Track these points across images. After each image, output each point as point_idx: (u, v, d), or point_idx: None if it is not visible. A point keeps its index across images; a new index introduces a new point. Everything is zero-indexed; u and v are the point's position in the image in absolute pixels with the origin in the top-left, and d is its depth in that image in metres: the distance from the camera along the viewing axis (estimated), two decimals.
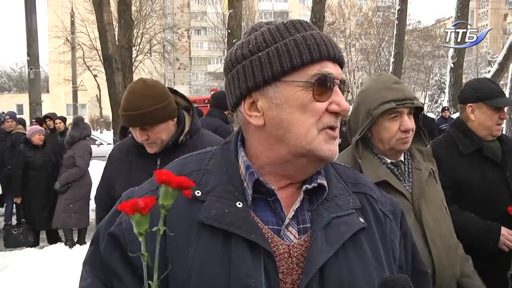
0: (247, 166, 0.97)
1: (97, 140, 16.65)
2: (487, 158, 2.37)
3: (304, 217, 0.97)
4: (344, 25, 44.35)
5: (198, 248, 0.89)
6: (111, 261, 0.94)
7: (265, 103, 0.95)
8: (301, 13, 49.33)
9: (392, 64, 18.69)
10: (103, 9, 12.56)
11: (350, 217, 0.97)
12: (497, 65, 15.00)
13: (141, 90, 2.03)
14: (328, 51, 0.94)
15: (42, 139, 6.61)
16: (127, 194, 1.05)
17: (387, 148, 1.80)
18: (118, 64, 12.73)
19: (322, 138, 0.94)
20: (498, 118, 2.38)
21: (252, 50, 0.96)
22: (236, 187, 0.95)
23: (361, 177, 1.11)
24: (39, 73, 12.84)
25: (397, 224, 1.08)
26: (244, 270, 0.87)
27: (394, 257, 1.03)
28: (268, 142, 0.96)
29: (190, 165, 1.01)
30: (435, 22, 48.92)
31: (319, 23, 13.58)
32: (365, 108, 1.77)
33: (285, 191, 0.98)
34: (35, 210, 6.50)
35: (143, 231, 0.77)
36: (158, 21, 32.57)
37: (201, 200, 0.93)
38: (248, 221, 0.90)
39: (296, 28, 0.97)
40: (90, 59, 29.27)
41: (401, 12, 18.35)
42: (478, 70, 43.33)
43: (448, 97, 16.35)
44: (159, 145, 2.08)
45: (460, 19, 15.50)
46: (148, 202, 0.76)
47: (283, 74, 0.93)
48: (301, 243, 0.93)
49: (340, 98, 0.95)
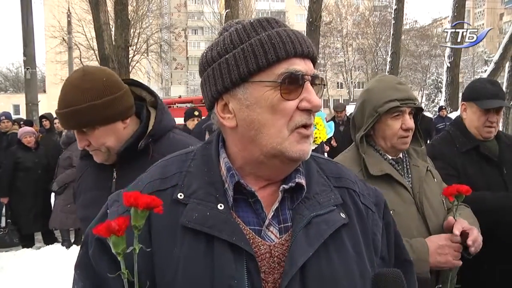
0: (228, 167, 0.98)
1: None
2: (484, 156, 2.38)
3: (285, 216, 0.97)
4: (341, 25, 44.41)
5: (183, 251, 0.90)
6: (100, 266, 0.95)
7: (236, 105, 0.96)
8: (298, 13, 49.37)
9: (389, 63, 18.73)
10: (100, 9, 12.55)
11: (331, 214, 0.97)
12: (493, 64, 15.07)
13: (77, 81, 1.58)
14: (295, 47, 0.93)
15: (32, 141, 6.58)
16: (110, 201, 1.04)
17: (388, 146, 1.88)
18: (114, 64, 12.72)
19: (293, 138, 0.93)
20: (486, 120, 2.36)
21: (220, 52, 0.97)
22: (217, 189, 0.96)
23: (344, 171, 1.11)
24: (36, 73, 12.79)
25: (380, 215, 1.09)
26: (227, 271, 0.88)
27: (375, 249, 1.04)
28: (242, 143, 0.97)
29: (172, 167, 1.01)
30: (432, 22, 48.99)
31: (316, 23, 13.60)
32: (370, 106, 1.86)
33: (265, 190, 0.99)
34: (21, 211, 6.48)
35: (121, 251, 0.81)
36: (155, 20, 32.52)
37: (184, 203, 0.94)
38: (229, 224, 0.91)
39: (263, 26, 0.96)
40: (87, 59, 29.21)
41: (398, 12, 18.38)
42: (475, 69, 43.45)
43: (445, 96, 16.39)
44: (106, 153, 1.65)
45: (456, 18, 15.55)
46: (122, 224, 0.79)
47: (250, 75, 0.93)
48: (282, 243, 0.94)
49: (311, 94, 0.94)
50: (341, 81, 50.92)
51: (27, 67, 11.96)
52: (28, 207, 6.48)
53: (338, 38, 43.83)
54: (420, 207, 1.82)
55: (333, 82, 52.56)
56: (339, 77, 49.06)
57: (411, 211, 1.80)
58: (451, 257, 1.67)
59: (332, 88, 53.19)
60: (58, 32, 29.74)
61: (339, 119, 8.56)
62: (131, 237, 0.82)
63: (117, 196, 1.03)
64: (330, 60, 45.19)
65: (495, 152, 2.41)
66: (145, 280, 0.89)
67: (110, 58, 12.64)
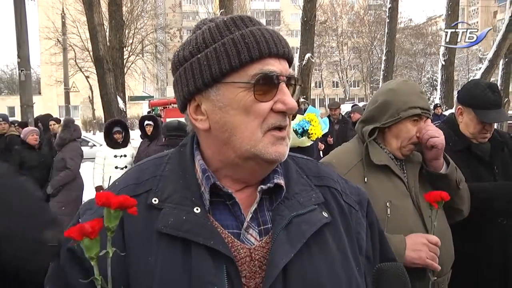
0: (203, 169, 0.95)
1: (89, 141, 16.56)
2: (476, 155, 2.37)
3: (265, 218, 0.94)
4: (336, 24, 44.45)
5: (159, 257, 0.86)
6: (71, 277, 0.90)
7: (209, 106, 0.92)
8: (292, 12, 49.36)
9: (384, 62, 18.77)
10: (94, 9, 12.49)
11: (312, 213, 0.94)
12: (487, 62, 15.13)
13: None
14: (269, 47, 0.90)
15: (37, 139, 6.57)
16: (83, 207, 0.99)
17: (398, 146, 1.92)
18: (109, 65, 12.67)
19: (267, 140, 0.90)
20: (483, 128, 2.33)
21: (193, 52, 0.93)
22: (193, 192, 0.92)
23: (324, 170, 1.08)
24: (30, 75, 12.71)
25: (363, 213, 1.06)
26: (205, 277, 0.84)
27: (360, 248, 1.01)
28: (216, 146, 0.94)
29: (146, 172, 0.98)
30: (426, 20, 49.19)
31: (311, 22, 13.62)
32: (394, 107, 1.90)
33: (243, 192, 0.96)
34: None
35: (94, 255, 0.76)
36: (149, 21, 32.47)
37: (158, 208, 0.90)
38: (206, 227, 0.88)
39: (237, 25, 0.93)
40: (82, 60, 29.15)
41: (392, 10, 18.43)
42: (470, 67, 43.63)
43: (439, 94, 16.45)
44: None
45: (450, 17, 15.61)
46: (95, 225, 0.75)
47: (222, 75, 0.90)
48: (263, 245, 0.91)
49: (286, 96, 0.91)
50: (337, 80, 51.01)
51: (22, 69, 11.86)
52: None
53: (333, 37, 43.89)
54: (416, 200, 1.85)
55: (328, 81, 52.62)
56: (335, 76, 49.15)
57: (407, 203, 1.83)
58: (425, 254, 1.68)
59: (328, 87, 53.25)
60: (53, 33, 29.67)
61: (334, 117, 8.57)
62: (105, 242, 0.77)
63: (89, 205, 0.98)
64: (325, 59, 45.23)
65: (487, 152, 2.39)
66: (119, 286, 0.84)
67: (104, 59, 12.58)
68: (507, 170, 2.39)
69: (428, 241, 1.70)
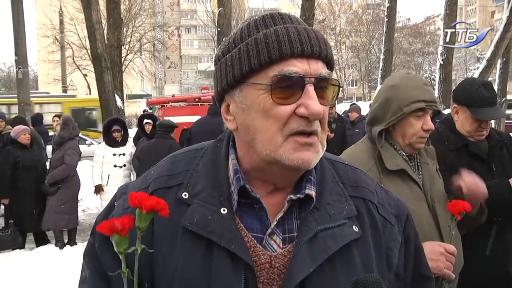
0: (235, 170, 0.93)
1: (87, 140, 16.53)
2: (473, 154, 2.38)
3: (292, 226, 0.91)
4: (334, 23, 44.44)
5: (182, 252, 0.88)
6: (103, 259, 0.94)
7: (235, 107, 0.91)
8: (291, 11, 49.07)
9: (382, 61, 18.75)
10: (92, 7, 12.42)
11: (341, 228, 0.90)
12: (485, 62, 15.14)
13: None
14: (292, 47, 0.84)
15: (29, 138, 6.45)
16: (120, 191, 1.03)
17: (406, 144, 1.88)
18: (107, 63, 12.61)
19: (289, 146, 0.85)
20: (479, 126, 2.34)
21: (224, 51, 0.93)
22: (222, 192, 0.91)
23: (363, 179, 1.02)
24: (28, 73, 12.67)
25: (400, 228, 1.01)
26: (223, 279, 0.85)
27: (389, 265, 0.97)
28: (245, 147, 0.93)
29: (180, 164, 0.98)
30: (425, 20, 49.22)
31: (309, 21, 13.58)
32: (396, 104, 1.85)
33: (273, 198, 0.93)
34: (25, 211, 6.37)
35: (123, 250, 0.79)
36: (147, 19, 32.37)
37: (187, 203, 0.90)
38: (230, 230, 0.87)
39: (265, 23, 0.89)
40: (80, 58, 29.02)
41: (391, 10, 18.41)
42: (467, 66, 43.68)
43: (437, 94, 16.45)
44: None
45: (449, 16, 15.60)
46: (125, 224, 0.78)
47: (243, 77, 0.87)
48: (285, 254, 0.89)
49: (310, 100, 0.84)
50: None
51: (19, 67, 11.82)
52: (33, 206, 6.37)
53: (331, 36, 43.82)
54: (432, 204, 1.83)
55: None
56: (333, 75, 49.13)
57: (423, 208, 1.81)
58: (442, 264, 1.65)
59: None
60: (50, 31, 29.51)
61: (331, 116, 8.55)
62: (135, 235, 0.80)
63: (126, 188, 1.01)
64: None
65: (484, 150, 2.39)
66: (144, 280, 0.87)
67: (102, 57, 12.53)
68: (505, 168, 2.40)
69: (446, 250, 1.67)
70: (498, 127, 12.54)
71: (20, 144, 6.38)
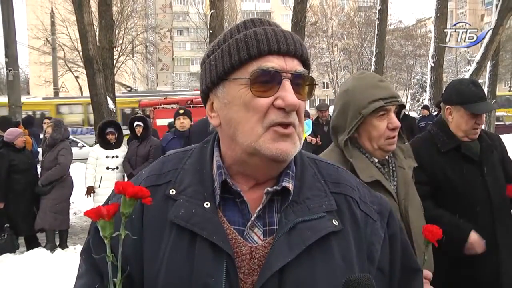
0: (218, 166, 0.99)
1: (79, 142, 16.43)
2: (465, 156, 2.40)
3: (272, 219, 0.96)
4: (326, 25, 44.57)
5: (168, 244, 0.93)
6: (98, 253, 0.96)
7: (218, 103, 0.98)
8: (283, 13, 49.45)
9: (374, 63, 18.87)
10: (84, 9, 12.37)
11: (319, 221, 0.94)
12: (475, 64, 15.30)
13: None
14: (269, 45, 0.92)
15: (23, 141, 6.49)
16: None
17: (375, 148, 1.79)
18: (99, 65, 12.56)
19: (269, 136, 0.92)
20: (474, 123, 2.38)
21: (209, 53, 1.01)
22: (206, 187, 0.97)
23: (344, 176, 1.06)
24: (18, 75, 12.60)
25: (383, 224, 1.04)
26: (205, 269, 0.90)
27: (371, 259, 0.99)
28: (227, 141, 0.99)
29: (169, 163, 1.05)
30: (416, 22, 49.57)
31: (301, 23, 13.65)
32: (353, 108, 1.76)
33: (255, 192, 0.98)
34: (21, 215, 6.31)
35: (107, 235, 0.86)
36: (140, 21, 32.30)
37: (174, 199, 0.97)
38: (212, 222, 0.92)
39: (246, 26, 0.98)
40: (72, 60, 28.86)
41: (382, 12, 18.54)
42: (458, 69, 44.04)
43: (429, 96, 16.58)
44: None
45: (439, 19, 15.75)
46: (111, 209, 0.86)
47: (225, 73, 0.95)
48: (265, 245, 0.94)
49: (286, 92, 0.91)
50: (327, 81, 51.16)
51: (10, 69, 11.77)
52: (29, 209, 6.35)
53: (323, 38, 43.99)
54: (405, 215, 1.76)
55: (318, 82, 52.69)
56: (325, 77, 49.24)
57: None
58: None
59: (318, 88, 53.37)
60: (42, 33, 29.34)
61: (323, 119, 8.59)
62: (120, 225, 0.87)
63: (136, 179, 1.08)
64: (315, 60, 45.30)
65: (476, 152, 2.43)
66: (133, 267, 0.93)
67: (94, 59, 12.48)
68: (495, 171, 2.44)
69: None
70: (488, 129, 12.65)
71: (14, 147, 6.35)
